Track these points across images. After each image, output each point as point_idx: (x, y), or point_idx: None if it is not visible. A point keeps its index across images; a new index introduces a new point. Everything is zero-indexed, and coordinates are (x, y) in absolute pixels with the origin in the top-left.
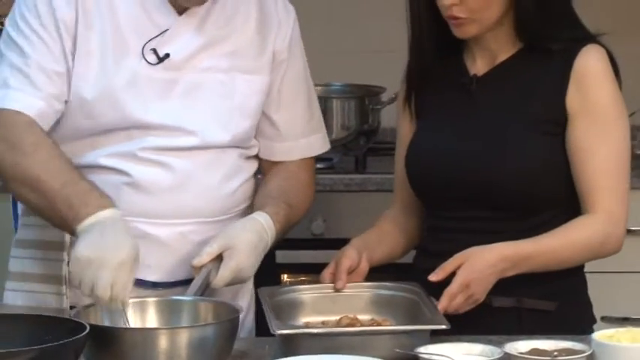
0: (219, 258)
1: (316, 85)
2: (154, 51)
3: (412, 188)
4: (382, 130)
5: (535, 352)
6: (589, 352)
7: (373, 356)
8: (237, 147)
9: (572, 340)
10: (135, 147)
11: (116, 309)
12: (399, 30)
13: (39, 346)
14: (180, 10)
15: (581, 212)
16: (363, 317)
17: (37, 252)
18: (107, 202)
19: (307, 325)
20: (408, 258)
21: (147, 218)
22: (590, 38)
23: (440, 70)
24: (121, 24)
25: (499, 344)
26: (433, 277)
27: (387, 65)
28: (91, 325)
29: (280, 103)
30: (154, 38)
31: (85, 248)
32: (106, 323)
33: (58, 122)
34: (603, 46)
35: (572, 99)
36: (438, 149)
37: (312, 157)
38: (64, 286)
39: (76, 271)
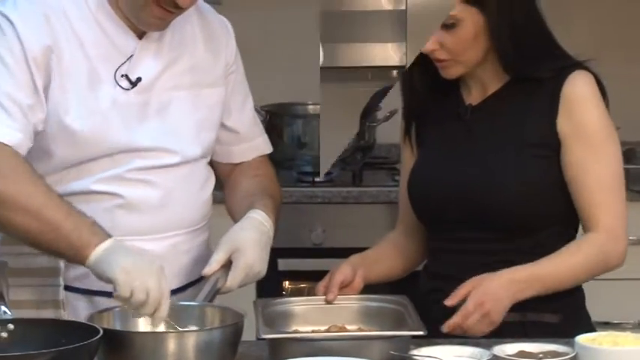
0: (227, 264)
1: (316, 103)
2: (126, 77)
3: (414, 212)
4: (377, 146)
5: (522, 354)
6: (572, 355)
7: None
8: (204, 157)
9: (557, 343)
10: (122, 170)
11: (163, 313)
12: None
13: (55, 349)
14: (139, 34)
15: (584, 230)
16: (352, 327)
17: (29, 279)
18: (107, 232)
19: (295, 333)
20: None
21: (141, 235)
22: (576, 65)
23: (437, 101)
24: (90, 54)
25: (488, 347)
26: (448, 301)
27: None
28: (104, 329)
29: (231, 109)
30: (122, 64)
31: (127, 261)
32: (118, 327)
33: (46, 155)
34: (590, 70)
35: (563, 124)
36: (438, 175)
37: (267, 154)
38: (61, 310)
39: (127, 281)
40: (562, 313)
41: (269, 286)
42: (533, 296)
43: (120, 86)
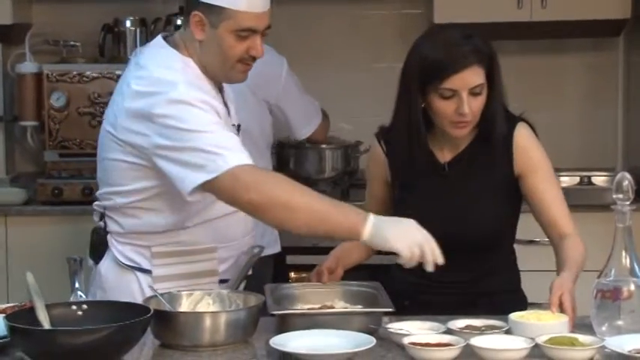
0: None
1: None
2: (236, 126)
3: None
4: (360, 171)
5: (468, 327)
6: (507, 328)
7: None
8: None
9: (496, 319)
10: None
11: (439, 258)
12: (370, 103)
13: (116, 324)
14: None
15: (553, 236)
16: (339, 305)
17: (194, 280)
18: (365, 212)
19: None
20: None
21: None
22: (517, 118)
23: (414, 161)
24: (219, 108)
25: (443, 322)
26: (553, 309)
27: (363, 127)
28: (155, 310)
29: None
30: (229, 117)
31: (395, 231)
32: (166, 309)
33: None
34: (526, 121)
35: (518, 164)
36: (426, 217)
37: None
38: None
39: (404, 247)
40: (513, 291)
41: (279, 275)
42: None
43: (236, 134)
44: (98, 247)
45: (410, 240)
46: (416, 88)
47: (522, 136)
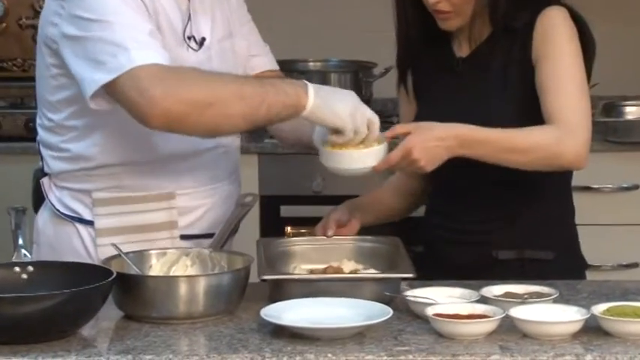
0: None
1: (316, 60)
2: (193, 38)
3: None
4: (374, 100)
5: (508, 295)
6: (555, 295)
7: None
8: None
9: (541, 284)
10: None
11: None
12: (389, 12)
13: (69, 290)
14: None
15: None
16: (347, 266)
17: (150, 234)
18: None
19: (294, 272)
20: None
21: None
22: (552, 1)
23: (430, 54)
24: (166, 9)
25: (477, 288)
26: (389, 133)
27: (379, 43)
28: (118, 273)
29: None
30: (187, 24)
31: (340, 103)
32: (132, 271)
33: None
34: (566, 6)
35: (534, 50)
36: (438, 119)
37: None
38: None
39: (348, 120)
40: (555, 251)
41: (272, 230)
42: (477, 157)
43: (191, 48)
44: (38, 193)
45: (360, 114)
46: None
47: (547, 18)
